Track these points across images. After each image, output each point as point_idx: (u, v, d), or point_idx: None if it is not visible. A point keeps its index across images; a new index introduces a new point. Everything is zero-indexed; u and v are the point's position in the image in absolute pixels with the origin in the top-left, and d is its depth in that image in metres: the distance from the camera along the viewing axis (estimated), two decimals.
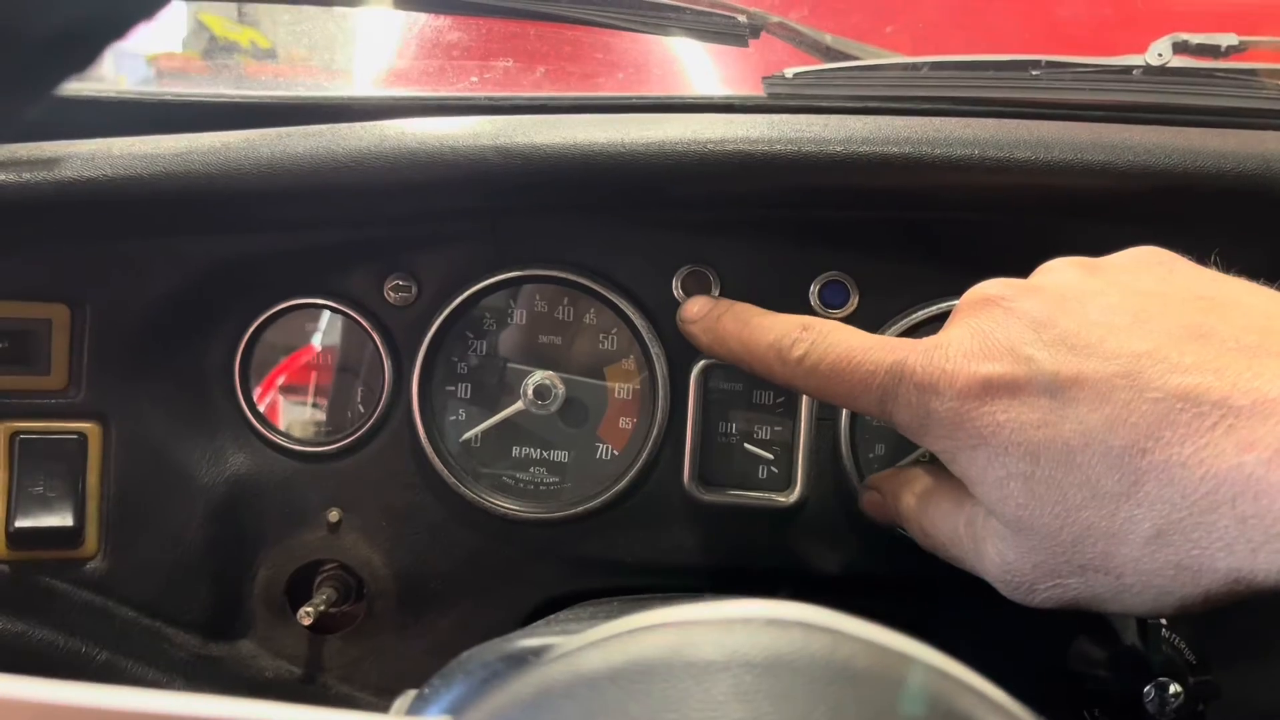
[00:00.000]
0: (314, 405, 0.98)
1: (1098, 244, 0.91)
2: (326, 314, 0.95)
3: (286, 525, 0.95)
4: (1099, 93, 1.05)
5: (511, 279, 0.93)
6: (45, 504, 0.88)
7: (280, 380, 0.97)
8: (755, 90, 1.06)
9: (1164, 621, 0.91)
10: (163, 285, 0.89)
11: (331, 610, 0.94)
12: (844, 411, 0.92)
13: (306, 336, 0.97)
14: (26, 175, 0.79)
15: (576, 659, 0.36)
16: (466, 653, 0.55)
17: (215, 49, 1.84)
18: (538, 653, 0.48)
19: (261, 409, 0.95)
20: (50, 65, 0.41)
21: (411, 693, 0.53)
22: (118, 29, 0.42)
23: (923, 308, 0.91)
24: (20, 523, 0.87)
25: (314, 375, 0.98)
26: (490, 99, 1.02)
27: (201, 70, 1.72)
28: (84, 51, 0.42)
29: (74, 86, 0.98)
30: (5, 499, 0.87)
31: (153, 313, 0.90)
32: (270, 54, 1.75)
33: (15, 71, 0.40)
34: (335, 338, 0.97)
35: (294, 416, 0.97)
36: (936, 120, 0.88)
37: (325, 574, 0.96)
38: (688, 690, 0.32)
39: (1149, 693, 0.87)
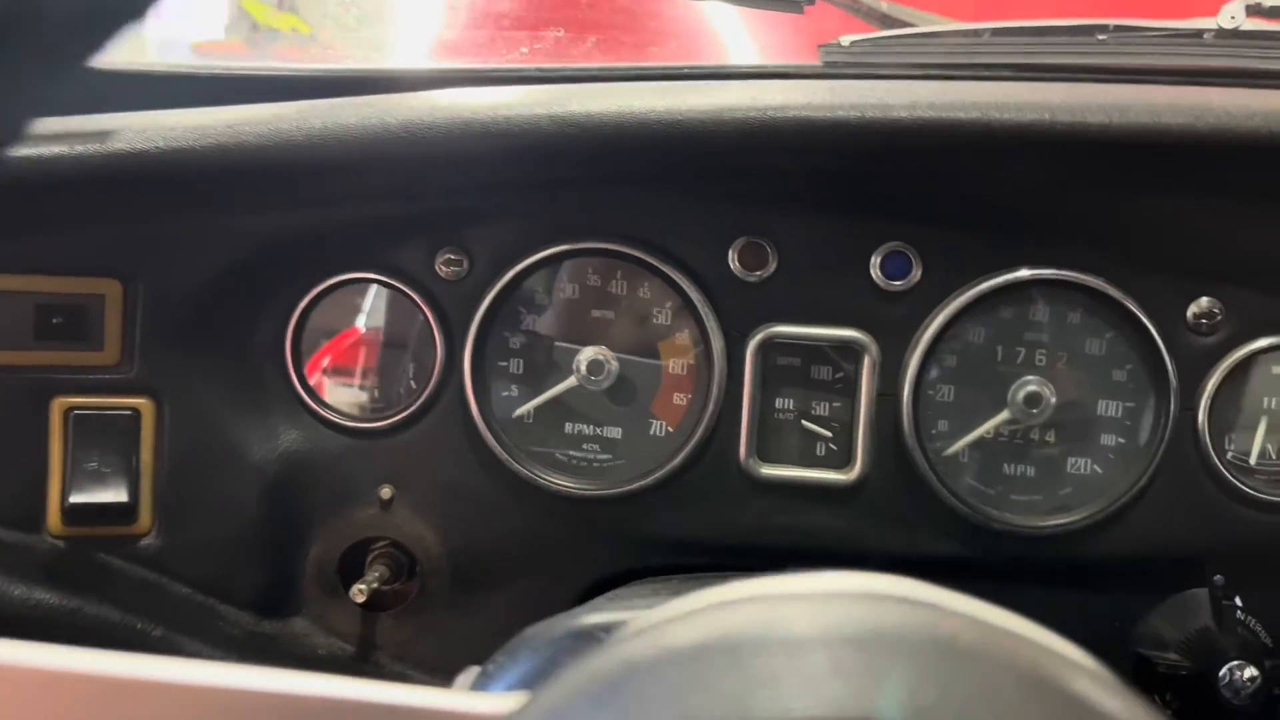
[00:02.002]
0: (365, 381, 0.97)
1: (1173, 218, 0.88)
2: (377, 289, 0.94)
3: (338, 502, 0.94)
4: (1169, 57, 1.01)
5: (564, 252, 0.91)
6: (99, 480, 0.88)
7: (325, 361, 0.96)
8: (810, 60, 1.04)
9: (1239, 603, 0.88)
10: (214, 261, 0.89)
11: (384, 588, 0.93)
12: (907, 386, 0.89)
13: (357, 312, 0.95)
14: (79, 148, 0.78)
15: (660, 634, 0.34)
16: (530, 629, 0.53)
17: (258, 36, 1.84)
18: (606, 629, 0.46)
19: (313, 385, 0.94)
20: (71, 43, 0.40)
21: (475, 669, 0.52)
22: (136, 8, 0.41)
23: (989, 279, 0.88)
24: (75, 498, 0.87)
25: (365, 351, 0.97)
26: (540, 70, 1.01)
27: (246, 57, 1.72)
28: (104, 29, 0.41)
29: (127, 61, 0.98)
30: (60, 474, 0.87)
31: (204, 288, 0.89)
32: (311, 39, 1.75)
33: (38, 50, 0.39)
34: (387, 313, 0.96)
35: (346, 393, 0.96)
36: (1005, 85, 0.85)
37: (377, 551, 0.95)
38: (782, 666, 0.31)
39: (1224, 676, 0.84)
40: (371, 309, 0.96)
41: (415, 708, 0.36)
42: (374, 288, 0.95)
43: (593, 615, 0.53)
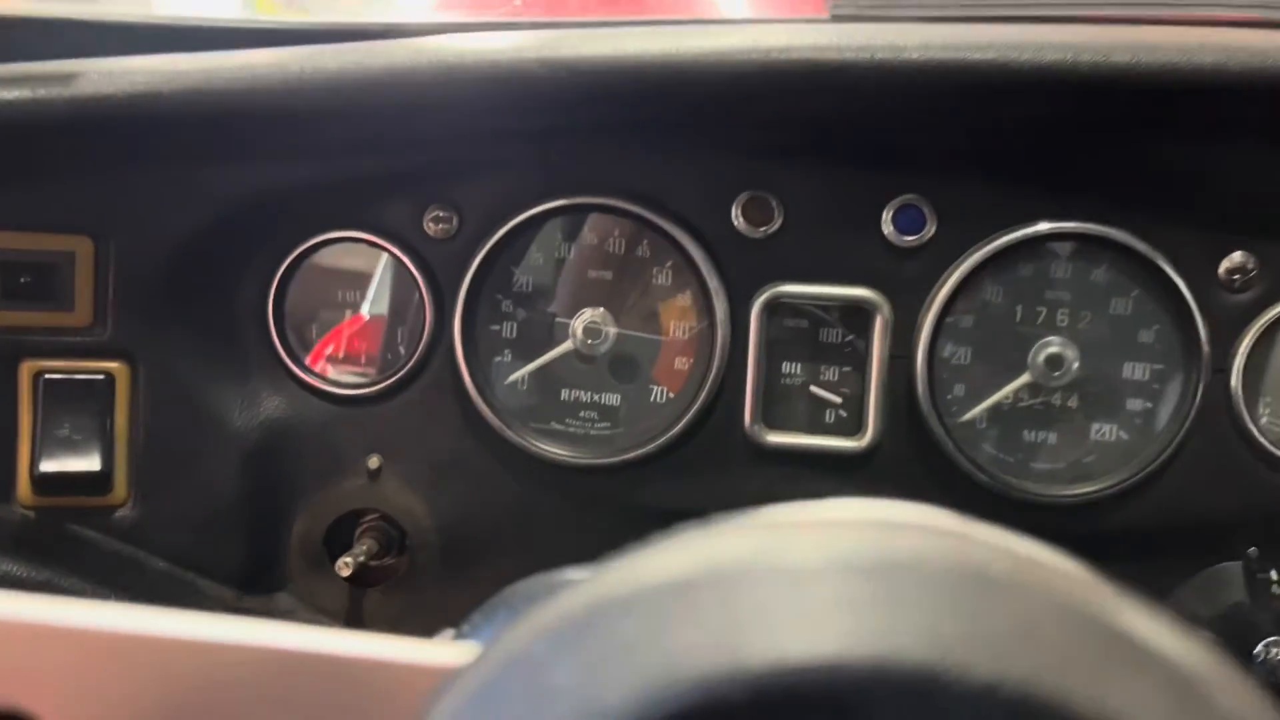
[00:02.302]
0: (365, 362, 0.92)
1: (1204, 166, 0.83)
2: (364, 249, 0.89)
3: (324, 473, 0.90)
4: (1200, 8, 0.96)
5: (558, 208, 0.86)
6: (71, 447, 0.83)
7: (329, 349, 0.91)
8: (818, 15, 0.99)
9: (1275, 576, 0.83)
10: (191, 217, 0.84)
11: (372, 563, 0.88)
12: (921, 348, 0.84)
13: (343, 273, 0.91)
14: (40, 91, 0.73)
15: (635, 568, 0.29)
16: (509, 587, 0.49)
17: None
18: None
19: (297, 350, 0.90)
20: None
21: (449, 631, 0.47)
22: None
23: (1008, 233, 0.83)
24: (46, 466, 0.83)
25: (367, 330, 0.92)
26: (534, 21, 0.96)
27: None
28: None
29: (101, 10, 0.93)
30: (29, 442, 0.83)
31: (181, 246, 0.85)
32: None
33: None
34: (373, 274, 0.91)
35: (352, 379, 0.92)
36: (1023, 25, 0.80)
37: (366, 525, 0.91)
38: (778, 599, 0.26)
39: (1259, 654, 0.79)
40: (363, 265, 0.91)
41: (355, 658, 0.31)
42: (380, 268, 0.90)
43: (582, 572, 0.49)
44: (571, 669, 0.26)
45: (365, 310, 0.91)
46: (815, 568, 0.27)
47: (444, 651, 0.33)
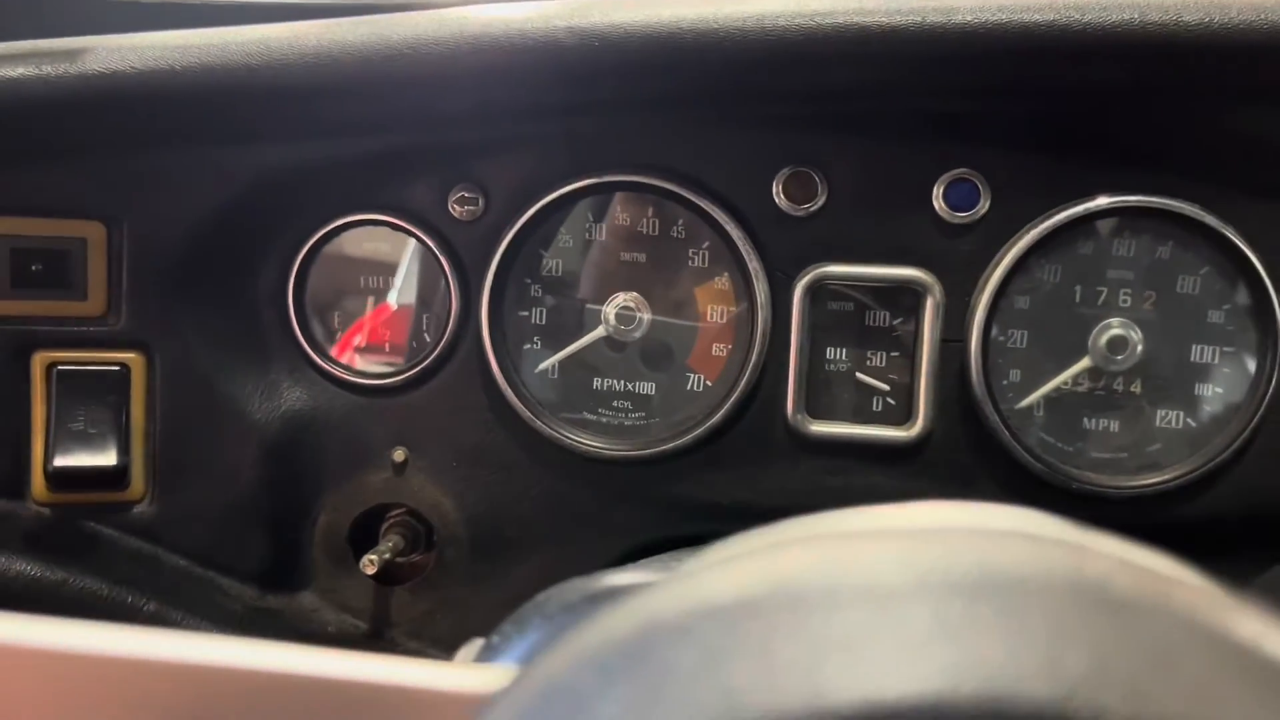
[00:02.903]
0: (391, 351, 0.88)
1: (1272, 135, 0.78)
2: (386, 232, 0.86)
3: (348, 466, 0.87)
4: None
5: (589, 187, 0.82)
6: (86, 441, 0.80)
7: (357, 339, 0.88)
8: None
9: None
10: (206, 201, 0.81)
11: (398, 560, 0.85)
12: (975, 332, 0.79)
13: (364, 258, 0.87)
14: (46, 68, 0.70)
15: (693, 585, 0.25)
16: (543, 593, 0.45)
17: None
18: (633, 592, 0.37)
19: (318, 338, 0.87)
20: None
21: (479, 641, 0.43)
22: None
23: (1067, 208, 0.78)
24: (60, 461, 0.80)
25: (393, 320, 0.88)
26: None
27: None
28: None
29: None
30: (43, 436, 0.80)
31: (196, 231, 0.81)
32: None
33: None
34: (397, 258, 0.87)
35: (378, 369, 0.88)
36: None
37: (392, 520, 0.87)
38: (866, 624, 0.22)
39: None
40: (386, 249, 0.87)
41: (374, 684, 0.27)
42: (406, 253, 0.86)
43: (619, 577, 0.45)
44: (620, 704, 0.22)
45: (388, 297, 0.88)
46: (906, 586, 0.23)
47: (474, 677, 0.29)
